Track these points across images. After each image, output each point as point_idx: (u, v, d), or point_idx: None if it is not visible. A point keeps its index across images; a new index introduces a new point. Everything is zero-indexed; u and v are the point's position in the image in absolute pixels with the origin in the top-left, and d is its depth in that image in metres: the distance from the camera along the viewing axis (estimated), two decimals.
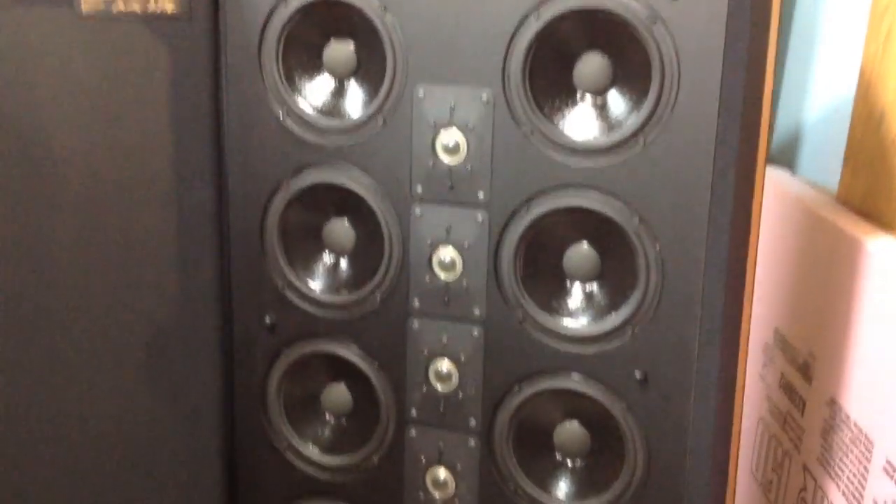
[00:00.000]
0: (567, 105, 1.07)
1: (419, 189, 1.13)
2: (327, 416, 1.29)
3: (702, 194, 1.02)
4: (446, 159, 1.11)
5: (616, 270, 1.09)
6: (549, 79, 1.06)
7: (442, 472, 1.21)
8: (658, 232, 1.04)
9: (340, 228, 1.21)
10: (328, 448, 1.27)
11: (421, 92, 1.10)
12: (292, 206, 1.20)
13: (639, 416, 1.10)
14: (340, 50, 1.15)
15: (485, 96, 1.08)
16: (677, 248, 1.04)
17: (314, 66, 1.17)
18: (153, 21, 1.12)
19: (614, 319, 1.09)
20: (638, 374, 1.08)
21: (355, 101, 1.15)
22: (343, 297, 1.20)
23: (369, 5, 1.10)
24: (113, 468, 1.24)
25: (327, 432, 1.28)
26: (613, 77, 1.05)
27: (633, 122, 1.03)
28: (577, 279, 1.11)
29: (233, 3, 1.15)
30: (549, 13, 1.03)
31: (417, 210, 1.14)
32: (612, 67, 1.05)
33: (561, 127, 1.06)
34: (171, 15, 1.13)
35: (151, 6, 1.12)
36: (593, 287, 1.11)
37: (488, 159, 1.10)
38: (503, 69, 1.06)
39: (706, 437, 1.07)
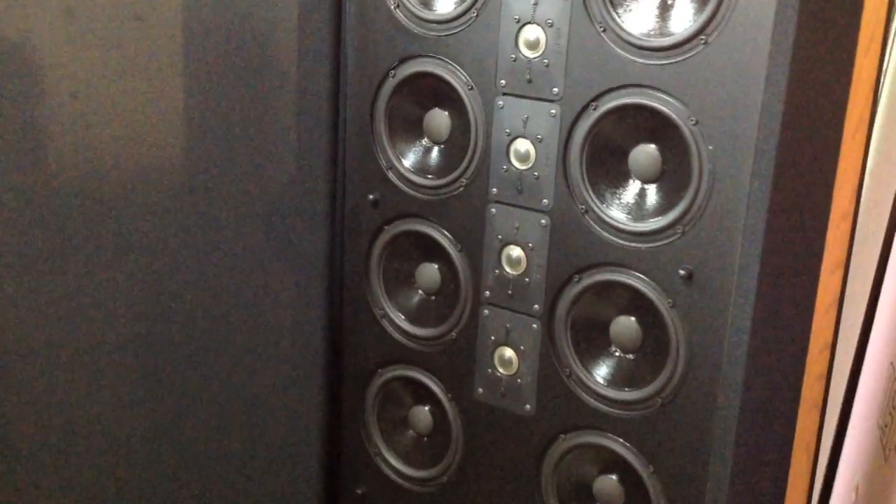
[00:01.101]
0: (639, 4, 1.11)
1: (502, 82, 1.21)
2: (419, 292, 1.40)
3: (755, 100, 1.03)
4: (527, 53, 1.18)
5: (673, 171, 1.12)
6: None
7: (508, 352, 1.30)
8: (711, 134, 1.07)
9: (439, 117, 1.31)
10: (416, 320, 1.39)
11: None
12: (398, 93, 1.31)
13: (683, 313, 1.13)
14: None
15: None
16: (728, 151, 1.06)
17: None
18: None
19: (666, 218, 1.12)
20: (682, 272, 1.12)
21: None
22: (436, 181, 1.31)
23: None
24: (234, 322, 1.40)
25: (417, 306, 1.40)
26: None
27: (698, 22, 1.05)
28: (638, 178, 1.16)
29: None
30: None
31: (500, 102, 1.22)
32: None
33: (630, 25, 1.11)
34: None
35: None
36: (651, 186, 1.15)
37: (564, 55, 1.16)
38: None
39: (743, 341, 1.09)
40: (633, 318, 1.20)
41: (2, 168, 1.26)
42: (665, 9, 1.09)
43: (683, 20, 1.07)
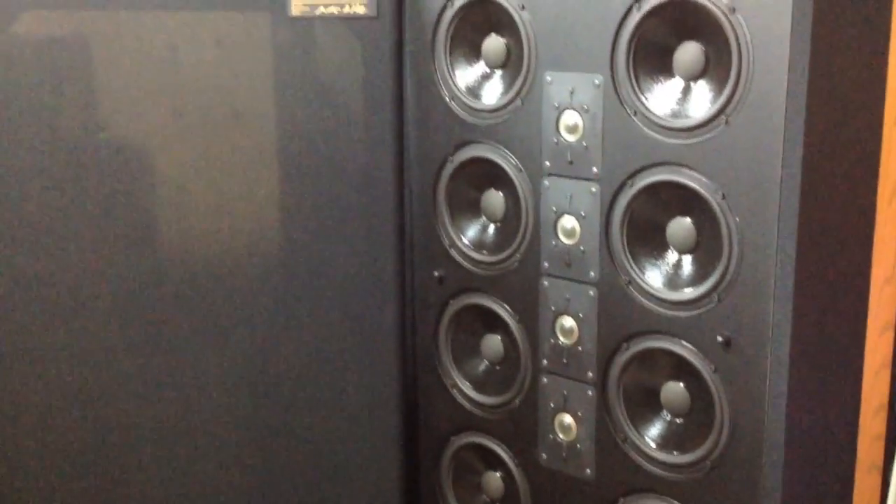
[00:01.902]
0: (664, 88, 1.18)
1: (547, 163, 1.30)
2: (484, 361, 1.48)
3: (775, 174, 1.09)
4: (567, 137, 1.27)
5: (707, 242, 1.18)
6: (650, 65, 1.19)
7: (567, 418, 1.37)
8: (738, 206, 1.13)
9: (494, 197, 1.40)
10: (483, 388, 1.47)
11: (549, 77, 1.27)
12: (456, 176, 1.42)
13: (725, 378, 1.18)
14: (494, 42, 1.35)
15: (597, 80, 1.22)
16: (755, 222, 1.12)
17: (474, 56, 1.38)
18: (348, 20, 1.39)
19: (703, 287, 1.18)
20: (721, 338, 1.17)
21: (500, 87, 1.35)
22: (493, 257, 1.40)
23: (511, 4, 1.29)
24: (314, 397, 1.51)
25: (483, 374, 1.48)
26: (705, 65, 1.15)
27: (718, 104, 1.12)
28: (676, 249, 1.22)
29: (412, 4, 1.39)
30: (647, 4, 1.16)
31: (546, 182, 1.31)
32: (704, 55, 1.15)
33: (658, 108, 1.18)
34: (363, 15, 1.39)
35: (347, 9, 1.39)
36: (688, 256, 1.21)
37: (600, 138, 1.24)
38: (611, 56, 1.21)
39: (781, 404, 1.13)
40: (680, 384, 1.25)
41: (115, 254, 1.41)
42: (687, 92, 1.16)
43: (705, 102, 1.14)
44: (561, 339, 1.34)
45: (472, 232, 1.43)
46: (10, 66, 1.32)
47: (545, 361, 1.37)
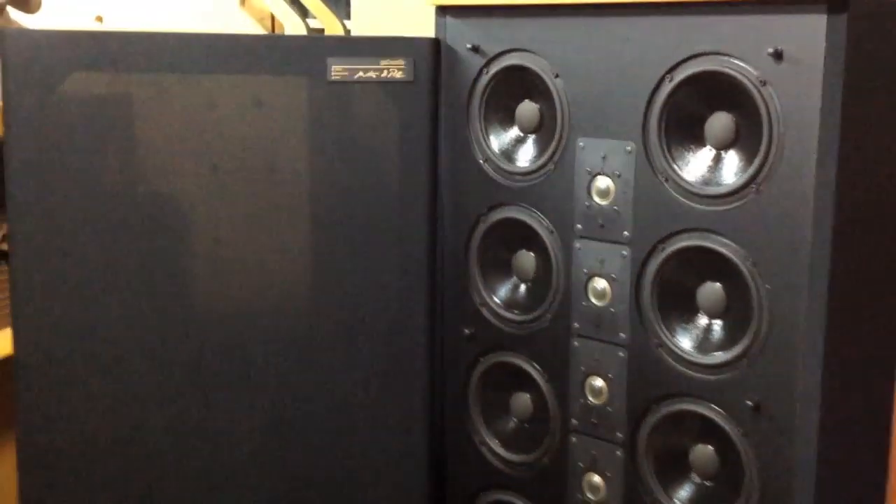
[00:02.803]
0: (695, 156, 1.21)
1: (579, 226, 1.33)
2: (513, 419, 1.50)
3: (806, 242, 1.11)
4: (599, 201, 1.30)
5: (736, 307, 1.20)
6: (682, 133, 1.22)
7: (595, 478, 1.38)
8: (769, 273, 1.15)
9: (525, 258, 1.43)
10: (512, 446, 1.48)
11: (581, 143, 1.30)
12: (488, 236, 1.44)
13: (754, 442, 1.19)
14: (528, 108, 1.39)
15: (629, 147, 1.25)
16: (785, 289, 1.14)
17: (508, 121, 1.41)
18: (386, 85, 1.43)
19: (732, 351, 1.20)
20: (750, 402, 1.18)
21: (533, 151, 1.38)
22: (523, 316, 1.42)
23: (544, 71, 1.33)
24: (343, 452, 1.53)
25: (512, 432, 1.50)
26: (737, 134, 1.18)
27: (748, 173, 1.15)
28: (706, 313, 1.24)
29: (448, 70, 1.43)
30: (681, 75, 1.19)
31: (577, 244, 1.33)
32: (735, 125, 1.18)
33: (689, 175, 1.21)
34: (401, 80, 1.43)
35: (385, 74, 1.43)
36: (718, 321, 1.23)
37: (631, 203, 1.27)
38: (643, 124, 1.24)
39: (809, 471, 1.14)
40: (710, 447, 1.26)
41: (152, 305, 1.44)
42: (718, 160, 1.19)
43: (735, 170, 1.17)
44: (590, 398, 1.36)
45: (503, 291, 1.45)
46: (59, 123, 1.37)
47: (574, 421, 1.38)
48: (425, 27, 1.49)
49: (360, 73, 1.42)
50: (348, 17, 2.22)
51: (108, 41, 1.36)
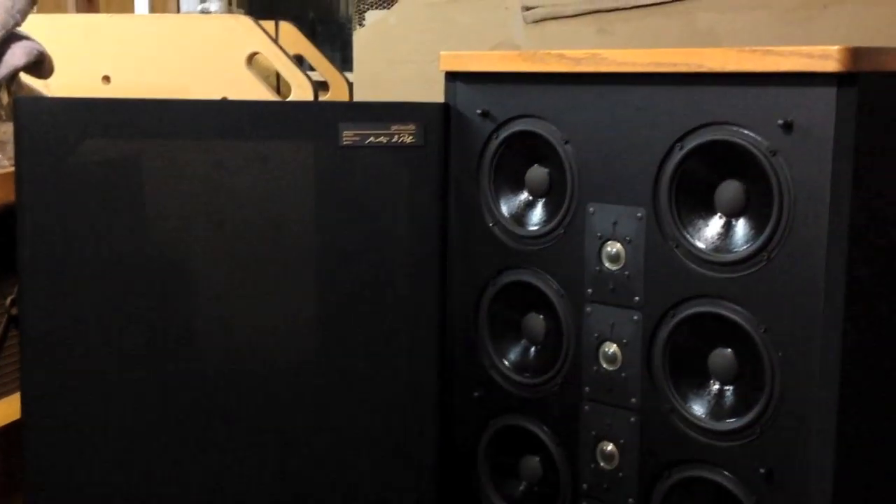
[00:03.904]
0: (706, 224, 1.22)
1: (589, 291, 1.33)
2: (523, 483, 1.49)
3: (818, 309, 1.12)
4: (610, 266, 1.31)
5: (749, 373, 1.21)
6: (693, 200, 1.23)
7: None
8: (780, 340, 1.16)
9: (534, 321, 1.43)
10: None
11: (591, 209, 1.32)
12: (497, 300, 1.45)
13: None
14: (537, 172, 1.40)
15: (640, 214, 1.27)
16: (798, 357, 1.14)
17: (517, 185, 1.43)
18: (397, 149, 1.45)
19: (744, 419, 1.20)
20: (763, 470, 1.18)
21: (543, 216, 1.39)
22: (533, 380, 1.42)
23: (554, 137, 1.34)
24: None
25: (521, 497, 1.49)
26: (747, 202, 1.19)
27: (759, 241, 1.16)
28: (717, 379, 1.24)
29: (458, 135, 1.45)
30: (691, 143, 1.21)
31: (588, 308, 1.34)
32: (745, 193, 1.19)
33: (700, 242, 1.22)
34: (411, 144, 1.45)
35: (395, 139, 1.44)
36: (729, 387, 1.23)
37: (642, 267, 1.27)
38: (654, 191, 1.25)
39: None
40: None
41: (160, 361, 1.44)
42: (728, 228, 1.20)
43: (746, 238, 1.18)
44: (602, 463, 1.35)
45: (513, 354, 1.46)
46: (71, 188, 1.38)
47: (585, 486, 1.38)
48: (424, 81, 1.51)
49: (371, 139, 1.44)
50: (350, 69, 2.25)
51: (119, 108, 1.38)
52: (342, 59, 2.28)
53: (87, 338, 1.41)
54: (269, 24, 2.25)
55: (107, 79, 2.03)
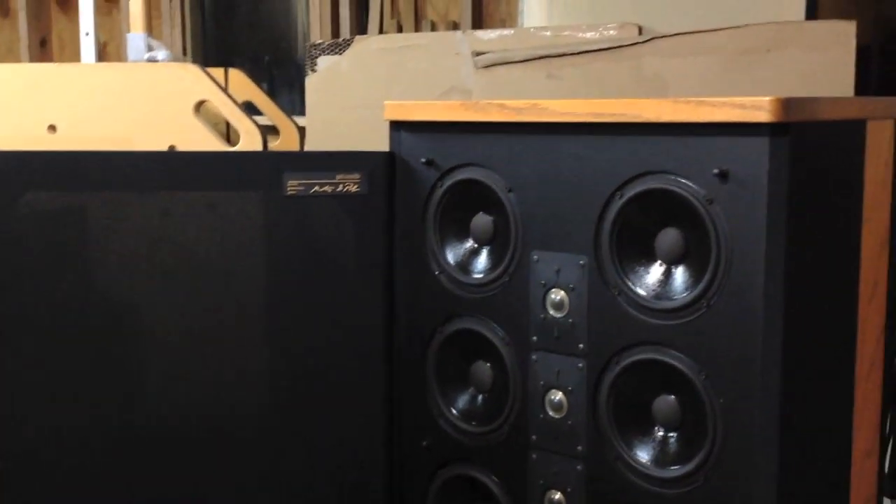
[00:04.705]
0: (647, 271, 1.24)
1: (534, 338, 1.34)
2: None
3: (757, 355, 1.13)
4: (554, 314, 1.31)
5: (692, 420, 1.21)
6: (633, 248, 1.24)
7: None
8: (721, 386, 1.16)
9: (482, 369, 1.43)
10: None
11: (535, 256, 1.32)
12: (445, 348, 1.45)
13: None
14: (482, 220, 1.41)
15: (582, 261, 1.27)
16: (739, 402, 1.15)
17: (463, 233, 1.43)
18: (342, 198, 1.45)
19: (688, 466, 1.20)
20: None
21: (488, 263, 1.39)
22: (481, 428, 1.42)
23: (498, 185, 1.35)
24: None
25: None
26: (686, 249, 1.21)
27: (699, 288, 1.17)
28: (661, 425, 1.25)
29: (403, 183, 1.45)
30: (630, 192, 1.22)
31: (534, 356, 1.34)
32: (684, 241, 1.20)
33: (641, 290, 1.23)
34: (356, 193, 1.45)
35: (340, 188, 1.45)
36: (674, 434, 1.24)
37: (585, 315, 1.28)
38: (595, 239, 1.26)
39: None
40: None
41: (106, 411, 1.42)
42: (668, 275, 1.21)
43: (686, 285, 1.19)
44: None
45: (460, 402, 1.45)
46: (12, 241, 1.36)
47: None
48: (376, 126, 1.52)
49: (316, 188, 1.44)
50: (303, 112, 2.25)
51: (61, 161, 1.37)
52: (302, 101, 2.28)
53: (31, 392, 1.39)
54: (218, 72, 2.25)
55: (52, 128, 2.01)
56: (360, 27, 3.82)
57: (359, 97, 2.30)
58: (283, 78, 4.22)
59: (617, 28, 2.04)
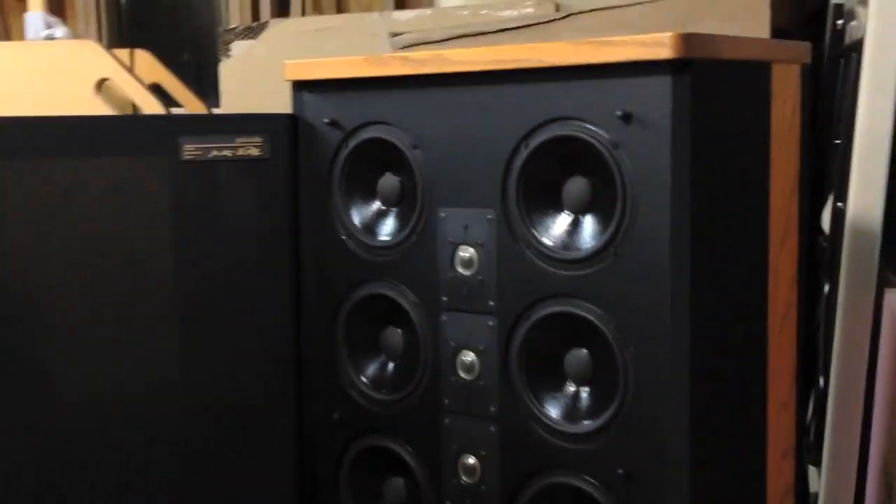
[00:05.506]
0: (554, 222, 1.20)
1: (444, 299, 1.30)
2: None
3: (665, 302, 1.10)
4: (463, 272, 1.27)
5: (604, 373, 1.18)
6: (540, 199, 1.21)
7: None
8: (632, 335, 1.13)
9: (392, 335, 1.39)
10: None
11: (443, 214, 1.28)
12: (353, 315, 1.40)
13: None
14: (388, 181, 1.36)
15: (490, 216, 1.24)
16: (649, 351, 1.12)
17: (369, 195, 1.38)
18: (243, 163, 1.39)
19: (599, 420, 1.17)
20: (621, 471, 1.15)
21: (396, 225, 1.35)
22: (393, 396, 1.37)
23: (403, 143, 1.31)
24: None
25: None
26: (593, 198, 1.18)
27: (605, 236, 1.14)
28: (574, 380, 1.21)
29: (306, 146, 1.40)
30: (535, 141, 1.19)
31: (444, 317, 1.30)
32: (591, 189, 1.17)
33: (549, 241, 1.20)
34: (257, 157, 1.39)
35: (240, 151, 1.39)
36: (586, 388, 1.20)
37: (495, 271, 1.24)
38: (502, 192, 1.22)
39: None
40: None
41: (9, 405, 1.35)
42: (576, 225, 1.18)
43: (594, 234, 1.16)
44: (464, 478, 1.31)
45: (371, 370, 1.40)
46: None
47: (448, 503, 1.33)
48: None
49: (215, 152, 1.38)
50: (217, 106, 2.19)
51: None
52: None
53: None
54: (123, 52, 2.18)
55: None
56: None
57: (274, 82, 2.23)
58: (207, 69, 4.12)
59: (534, 5, 2.01)
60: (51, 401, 1.37)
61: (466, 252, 1.27)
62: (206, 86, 2.45)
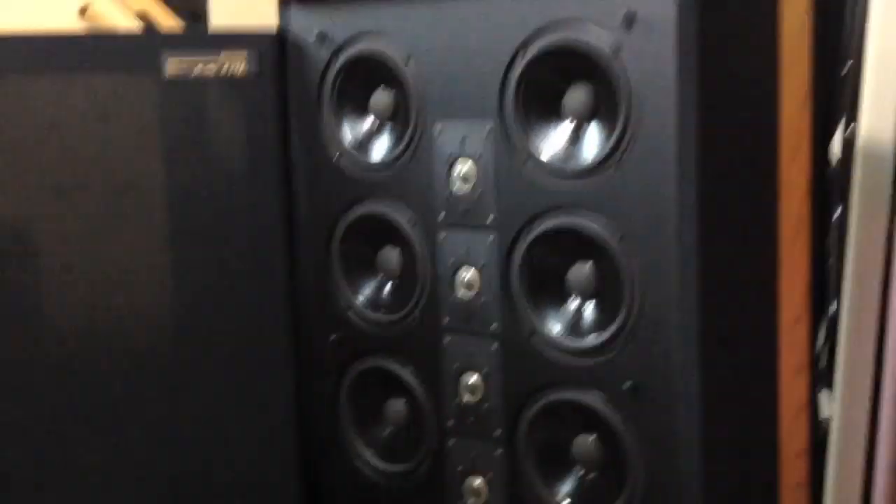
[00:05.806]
0: (555, 132, 1.16)
1: (442, 215, 1.26)
2: (389, 427, 1.41)
3: (672, 212, 1.07)
4: (461, 187, 1.23)
5: (608, 286, 1.15)
6: (540, 109, 1.17)
7: (476, 481, 1.30)
8: (637, 248, 1.10)
9: (389, 254, 1.35)
10: (387, 456, 1.40)
11: (438, 127, 1.24)
12: (349, 235, 1.36)
13: (636, 426, 1.14)
14: (381, 96, 1.31)
15: (488, 127, 1.19)
16: (655, 263, 1.09)
17: (362, 112, 1.34)
18: (229, 81, 1.34)
19: (606, 333, 1.15)
20: (628, 385, 1.13)
21: (390, 141, 1.31)
22: (392, 316, 1.34)
23: (396, 55, 1.26)
24: (197, 472, 1.42)
25: (388, 442, 1.41)
26: (595, 107, 1.13)
27: (608, 145, 1.10)
28: (578, 295, 1.18)
29: (295, 62, 1.35)
30: (534, 49, 1.14)
31: (442, 234, 1.27)
32: (593, 96, 1.13)
33: (550, 152, 1.16)
34: (244, 75, 1.34)
35: (226, 68, 1.34)
36: (590, 302, 1.18)
37: (493, 185, 1.21)
38: (500, 102, 1.18)
39: (695, 452, 1.09)
40: (591, 437, 1.21)
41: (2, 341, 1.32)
42: (578, 134, 1.14)
43: (597, 144, 1.12)
44: (466, 397, 1.29)
45: (368, 292, 1.37)
46: None
47: (451, 423, 1.31)
48: None
49: (200, 68, 1.33)
50: None
51: None
52: None
53: None
54: None
55: None
56: None
57: (266, 3, 2.17)
58: None
59: None
60: (41, 326, 1.33)
61: (464, 166, 1.23)
62: (196, 18, 2.37)
